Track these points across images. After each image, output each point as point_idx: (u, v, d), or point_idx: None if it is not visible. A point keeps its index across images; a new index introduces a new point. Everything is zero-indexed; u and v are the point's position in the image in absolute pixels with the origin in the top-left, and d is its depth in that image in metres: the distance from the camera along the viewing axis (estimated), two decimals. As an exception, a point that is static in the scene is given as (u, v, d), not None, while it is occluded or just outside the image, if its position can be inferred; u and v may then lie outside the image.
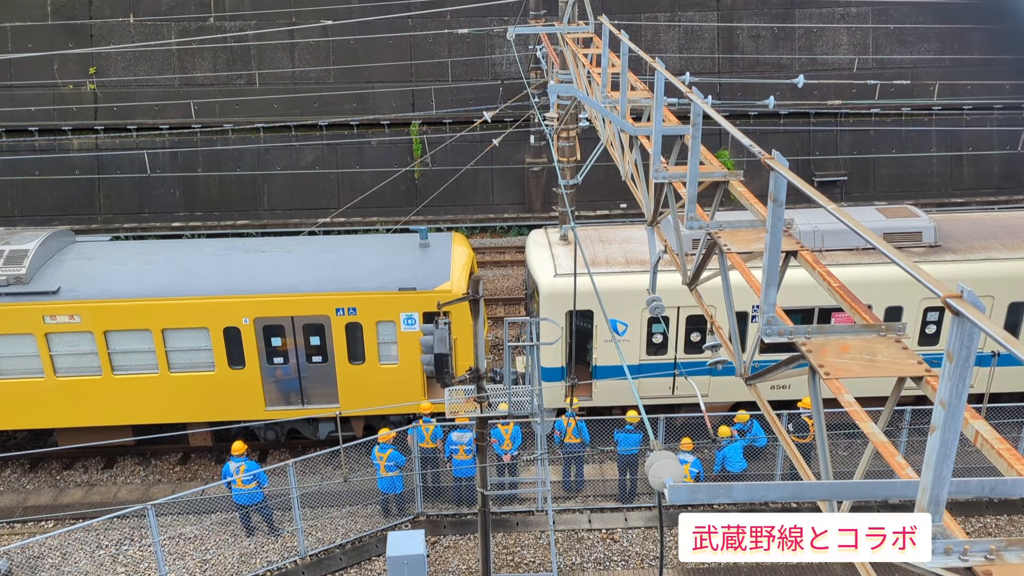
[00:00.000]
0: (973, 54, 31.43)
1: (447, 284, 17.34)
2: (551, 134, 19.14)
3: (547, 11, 24.30)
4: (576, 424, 16.65)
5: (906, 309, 17.34)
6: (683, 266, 8.63)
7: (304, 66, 31.24)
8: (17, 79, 30.69)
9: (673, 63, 29.80)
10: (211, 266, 17.86)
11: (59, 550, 15.96)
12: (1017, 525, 16.61)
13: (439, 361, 11.90)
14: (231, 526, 16.40)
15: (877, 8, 31.63)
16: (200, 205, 31.21)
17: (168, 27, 31.00)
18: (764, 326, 5.58)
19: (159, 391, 17.70)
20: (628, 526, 16.53)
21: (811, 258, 6.14)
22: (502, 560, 15.83)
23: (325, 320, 17.43)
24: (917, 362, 5.04)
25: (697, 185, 7.65)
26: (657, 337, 17.81)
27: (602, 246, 18.27)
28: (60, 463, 19.11)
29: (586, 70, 13.62)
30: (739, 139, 6.46)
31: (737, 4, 31.65)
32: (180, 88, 31.07)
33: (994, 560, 3.73)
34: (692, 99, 7.43)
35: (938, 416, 3.68)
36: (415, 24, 30.92)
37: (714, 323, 8.24)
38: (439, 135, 29.47)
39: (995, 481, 3.97)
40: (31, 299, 16.95)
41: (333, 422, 18.11)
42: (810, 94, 29.71)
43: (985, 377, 17.12)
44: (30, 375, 17.54)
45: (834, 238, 17.33)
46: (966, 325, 3.45)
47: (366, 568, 15.86)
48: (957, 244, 17.84)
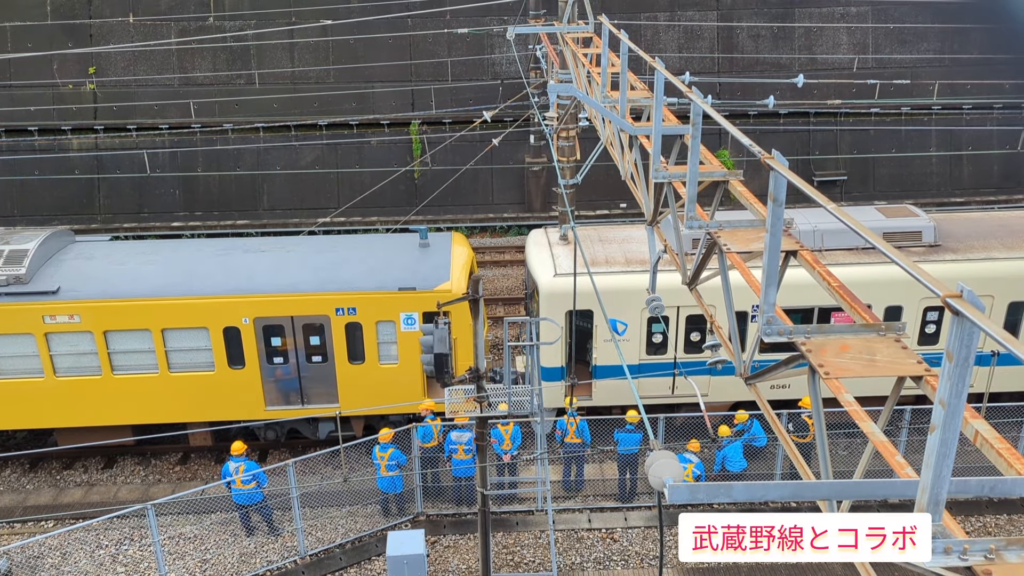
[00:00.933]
0: (973, 53, 31.44)
1: (447, 284, 17.34)
2: (551, 134, 19.14)
3: (547, 11, 24.29)
4: (578, 424, 16.66)
5: (906, 309, 17.35)
6: (683, 266, 8.63)
7: (304, 66, 31.23)
8: (17, 79, 30.69)
9: (673, 63, 29.80)
10: (211, 266, 17.86)
11: (59, 550, 15.97)
12: (1017, 524, 16.62)
13: (439, 361, 11.90)
14: (231, 526, 16.40)
15: (877, 8, 31.63)
16: (200, 205, 31.21)
17: (168, 27, 31.00)
18: (764, 326, 5.58)
19: (159, 391, 17.70)
20: (628, 525, 16.53)
21: (811, 258, 6.14)
22: (502, 560, 15.83)
23: (325, 320, 17.43)
24: (917, 361, 5.05)
25: (697, 185, 7.65)
26: (657, 337, 17.81)
27: (602, 246, 18.27)
28: (60, 463, 19.11)
29: (586, 70, 13.62)
30: (739, 139, 6.46)
31: (737, 4, 31.65)
32: (180, 88, 31.07)
33: (994, 559, 3.73)
34: (692, 99, 7.43)
35: (938, 415, 3.68)
36: (415, 24, 30.92)
37: (714, 323, 8.24)
38: (439, 135, 29.48)
39: (995, 480, 3.97)
40: (31, 299, 16.95)
41: (333, 422, 18.11)
42: (810, 94, 29.73)
43: (985, 376, 17.13)
44: (30, 375, 17.54)
45: (834, 238, 17.33)
46: (966, 325, 3.45)
47: (366, 568, 15.87)
48: (957, 244, 17.85)
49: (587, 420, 16.90)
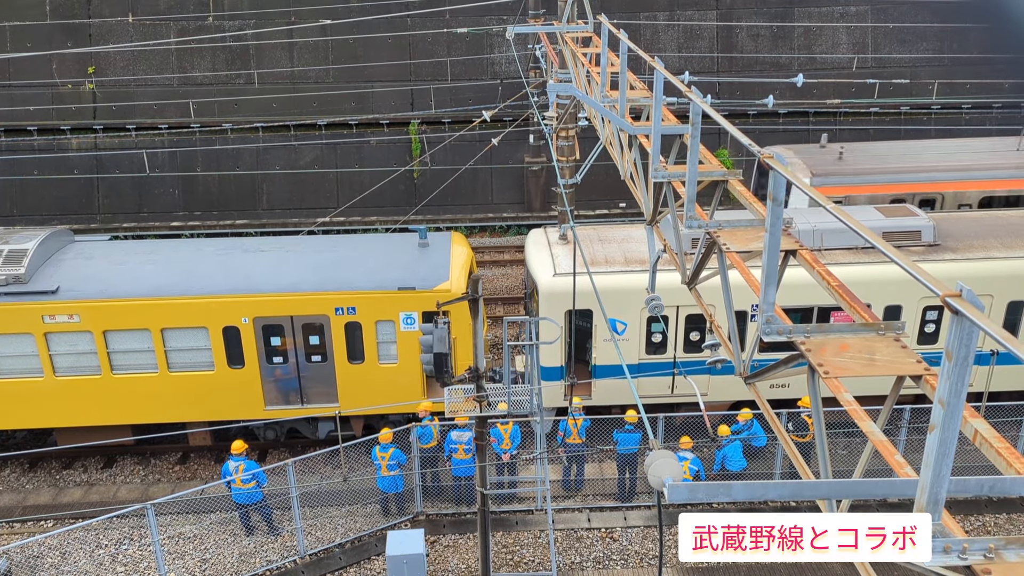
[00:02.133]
0: (972, 53, 31.45)
1: (446, 283, 17.34)
2: (550, 133, 19.15)
3: (546, 10, 24.29)
4: (582, 424, 16.67)
5: (905, 308, 17.35)
6: (682, 265, 8.63)
7: (303, 65, 31.23)
8: (16, 79, 30.68)
9: (672, 62, 29.79)
10: (210, 266, 17.86)
11: (58, 549, 15.96)
12: (1016, 523, 16.63)
13: (438, 360, 11.90)
14: (231, 525, 16.41)
15: (876, 7, 31.64)
16: (199, 205, 31.21)
17: (167, 26, 30.99)
18: (763, 325, 5.58)
19: (158, 391, 17.70)
20: (627, 525, 16.54)
21: (810, 257, 6.14)
22: (501, 559, 15.84)
23: (324, 319, 17.43)
24: (916, 361, 5.05)
25: (696, 184, 7.65)
26: (656, 336, 17.82)
27: (601, 245, 18.27)
28: (59, 463, 19.11)
29: (585, 69, 13.62)
30: (738, 138, 6.46)
31: (736, 3, 31.65)
32: (179, 88, 31.06)
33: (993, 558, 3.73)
34: (691, 98, 7.43)
35: (937, 415, 3.68)
36: (414, 23, 30.91)
37: (713, 322, 8.24)
38: (438, 134, 29.47)
39: (994, 480, 3.98)
40: (30, 299, 16.94)
41: (332, 421, 18.11)
42: (809, 93, 29.71)
43: (984, 376, 17.14)
44: (29, 375, 17.53)
45: (833, 237, 17.34)
46: (965, 324, 3.45)
47: (365, 567, 15.87)
48: (956, 243, 17.85)
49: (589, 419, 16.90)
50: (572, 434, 16.66)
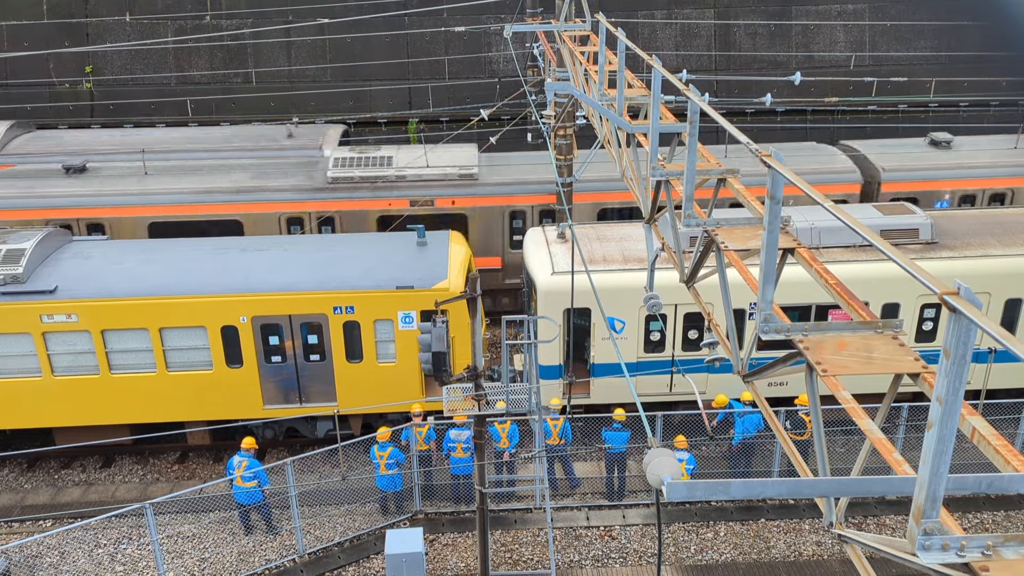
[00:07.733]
0: (969, 51, 31.47)
1: (445, 282, 17.34)
2: (548, 132, 19.14)
3: (544, 9, 24.28)
4: (562, 425, 16.64)
5: (903, 306, 17.37)
6: (680, 264, 8.63)
7: (300, 64, 31.20)
8: (13, 78, 30.63)
9: (670, 60, 29.80)
10: (208, 265, 17.85)
11: (57, 549, 15.96)
12: (1014, 521, 16.65)
13: (437, 359, 11.90)
14: (229, 525, 16.40)
15: (874, 5, 31.65)
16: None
17: (164, 25, 30.95)
18: (761, 323, 5.58)
19: (157, 390, 17.69)
20: (626, 523, 16.55)
21: (808, 255, 6.14)
22: (500, 558, 15.84)
23: (323, 319, 17.43)
24: (914, 359, 5.05)
25: (694, 182, 7.66)
26: (655, 335, 17.83)
27: (599, 244, 18.28)
28: (58, 462, 19.09)
29: (583, 68, 13.62)
30: (736, 136, 6.46)
31: (734, 1, 31.65)
32: (176, 86, 31.03)
33: (991, 556, 3.73)
34: (689, 96, 7.43)
35: (935, 412, 3.68)
36: (411, 22, 30.89)
37: (712, 320, 8.24)
38: (436, 133, 29.44)
39: (992, 477, 3.98)
40: (28, 298, 16.92)
41: (331, 420, 18.11)
42: (807, 91, 29.73)
43: (982, 373, 17.16)
44: (27, 374, 17.52)
45: (831, 235, 17.35)
46: (963, 322, 3.46)
47: (364, 566, 15.87)
48: (954, 241, 17.87)
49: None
50: (553, 435, 16.64)
